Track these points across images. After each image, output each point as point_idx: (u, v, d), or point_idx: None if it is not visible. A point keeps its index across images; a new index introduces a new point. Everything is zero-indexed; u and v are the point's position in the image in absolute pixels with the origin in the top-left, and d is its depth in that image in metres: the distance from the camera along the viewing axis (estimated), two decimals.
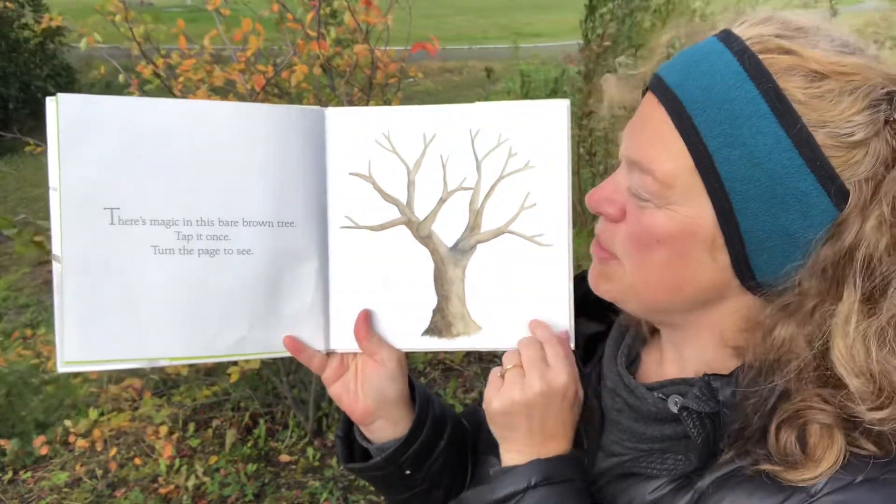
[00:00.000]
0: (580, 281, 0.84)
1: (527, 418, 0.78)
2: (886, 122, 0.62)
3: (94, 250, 0.79)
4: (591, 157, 4.10)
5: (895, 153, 0.62)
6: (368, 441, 0.93)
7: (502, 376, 0.80)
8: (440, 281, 0.88)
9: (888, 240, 0.61)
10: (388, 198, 0.88)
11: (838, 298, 0.63)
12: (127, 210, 0.80)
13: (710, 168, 0.65)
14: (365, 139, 0.87)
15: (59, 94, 0.78)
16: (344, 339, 0.89)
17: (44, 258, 2.42)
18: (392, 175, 0.87)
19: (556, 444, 0.79)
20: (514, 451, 0.79)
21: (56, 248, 0.79)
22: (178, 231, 0.82)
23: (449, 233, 0.87)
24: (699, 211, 0.66)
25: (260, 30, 2.43)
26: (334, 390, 0.90)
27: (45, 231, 2.36)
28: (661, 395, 0.74)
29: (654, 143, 0.68)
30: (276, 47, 2.96)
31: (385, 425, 0.91)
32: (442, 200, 0.87)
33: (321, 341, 0.89)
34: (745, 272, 0.67)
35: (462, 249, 0.87)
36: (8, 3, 6.70)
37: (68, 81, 8.55)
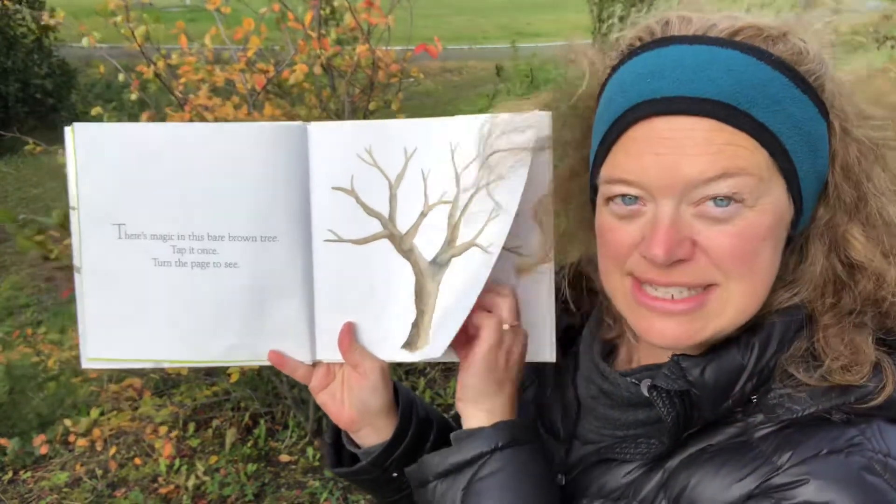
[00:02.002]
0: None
1: (505, 382, 0.82)
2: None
3: (106, 262, 0.88)
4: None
5: (831, 83, 0.71)
6: (356, 445, 0.95)
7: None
8: (419, 294, 0.87)
9: (854, 151, 0.70)
10: (370, 212, 0.88)
11: (845, 211, 0.71)
12: (131, 226, 0.88)
13: (781, 150, 0.68)
14: (347, 154, 0.88)
15: (75, 124, 0.87)
16: (330, 350, 0.90)
17: (44, 255, 2.41)
18: (374, 189, 0.87)
19: (515, 404, 0.82)
20: (479, 414, 0.80)
21: (76, 259, 0.89)
22: (173, 245, 0.88)
23: (429, 247, 0.87)
24: (778, 194, 0.69)
25: (262, 29, 2.43)
26: (321, 398, 0.92)
27: (47, 229, 2.36)
28: (633, 380, 0.75)
29: (722, 149, 0.66)
30: (277, 47, 2.96)
31: (370, 432, 0.92)
32: (423, 214, 0.87)
33: (307, 352, 0.91)
34: (790, 231, 0.72)
35: (439, 263, 0.86)
36: (6, 1, 6.71)
37: (66, 80, 8.53)
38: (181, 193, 0.88)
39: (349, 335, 0.89)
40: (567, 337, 0.90)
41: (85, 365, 0.90)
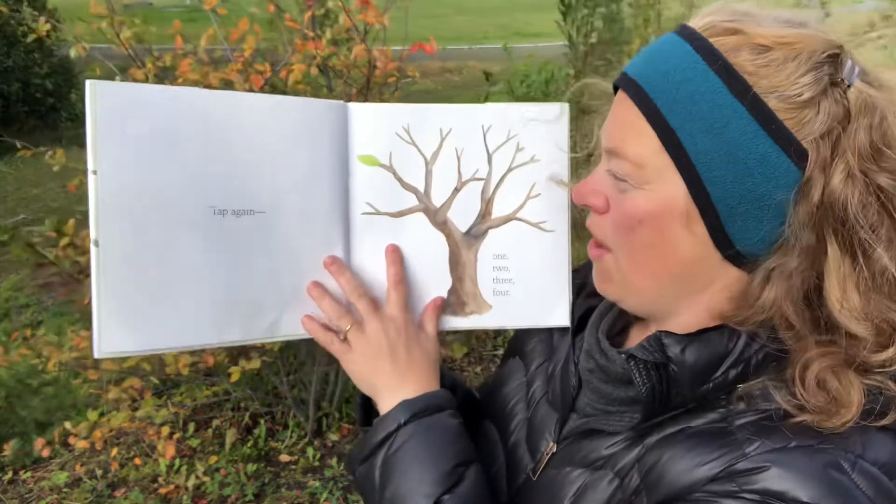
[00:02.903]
0: (584, 268, 0.91)
1: (385, 362, 0.87)
2: (833, 83, 0.66)
3: (132, 234, 0.80)
4: (588, 157, 4.12)
5: (847, 111, 0.66)
6: None
7: (345, 339, 0.89)
8: (454, 263, 0.95)
9: (859, 193, 0.65)
10: (407, 186, 0.94)
11: (824, 254, 0.67)
12: (166, 195, 0.81)
13: (675, 144, 0.69)
14: (386, 131, 0.93)
15: (97, 81, 0.78)
16: None
17: (41, 262, 2.41)
18: (411, 165, 0.94)
19: (418, 377, 0.87)
20: (388, 399, 0.86)
21: (93, 232, 0.78)
22: (215, 217, 0.85)
23: (463, 219, 0.95)
24: (672, 187, 0.70)
25: (258, 30, 2.42)
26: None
27: (42, 234, 2.36)
28: (625, 354, 0.76)
29: (625, 129, 0.73)
30: (273, 47, 2.96)
31: None
32: (457, 190, 0.95)
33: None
34: (724, 242, 0.70)
35: (475, 234, 0.95)
36: (3, 8, 6.71)
37: (67, 80, 8.53)
38: (219, 163, 0.84)
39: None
40: (587, 318, 0.92)
41: (98, 355, 0.78)
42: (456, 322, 0.96)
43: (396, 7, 2.64)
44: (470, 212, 0.95)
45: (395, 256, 0.93)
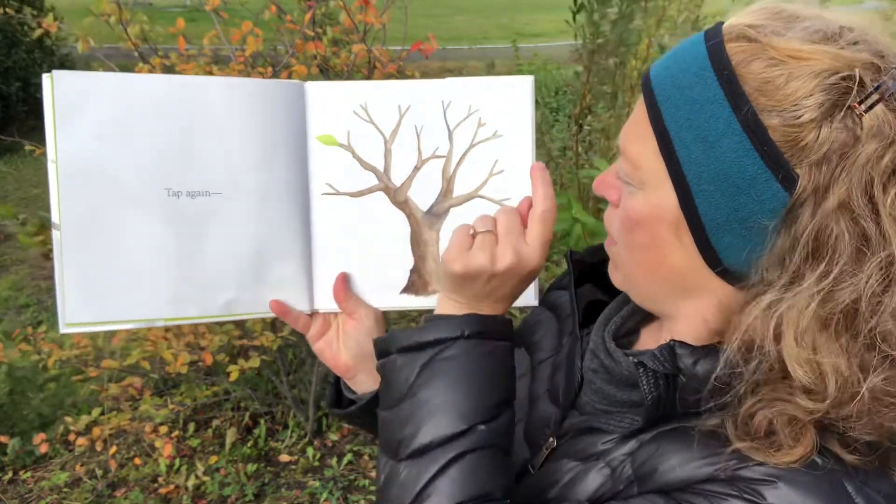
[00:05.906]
0: (597, 249, 0.89)
1: (484, 285, 0.79)
2: (846, 107, 0.60)
3: (91, 217, 0.84)
4: (588, 153, 4.13)
5: (855, 138, 0.60)
6: (353, 392, 1.00)
7: (472, 236, 0.80)
8: (416, 243, 0.94)
9: (850, 230, 0.60)
10: (366, 166, 0.93)
11: (798, 287, 0.62)
12: (121, 178, 0.85)
13: (670, 150, 0.68)
14: (344, 110, 0.92)
15: (54, 71, 0.82)
16: (327, 300, 0.95)
17: (45, 253, 2.42)
18: (370, 144, 0.93)
19: (494, 307, 0.81)
20: (453, 302, 0.80)
21: (54, 216, 0.83)
22: (169, 199, 0.86)
23: (424, 198, 0.93)
24: (665, 194, 0.69)
25: (258, 32, 2.43)
26: (318, 346, 0.97)
27: (47, 225, 2.36)
28: (634, 360, 0.75)
29: (633, 129, 0.72)
30: (274, 48, 2.96)
31: (366, 378, 0.97)
32: (416, 168, 0.93)
33: (306, 302, 0.95)
34: (711, 257, 0.69)
35: (436, 213, 0.94)
36: (9, 10, 6.72)
37: None
38: (179, 145, 0.86)
39: (343, 285, 0.94)
40: (593, 310, 0.92)
41: (63, 330, 0.83)
42: (419, 301, 0.94)
43: (396, 7, 2.65)
44: (431, 190, 0.93)
45: (545, 177, 0.84)
